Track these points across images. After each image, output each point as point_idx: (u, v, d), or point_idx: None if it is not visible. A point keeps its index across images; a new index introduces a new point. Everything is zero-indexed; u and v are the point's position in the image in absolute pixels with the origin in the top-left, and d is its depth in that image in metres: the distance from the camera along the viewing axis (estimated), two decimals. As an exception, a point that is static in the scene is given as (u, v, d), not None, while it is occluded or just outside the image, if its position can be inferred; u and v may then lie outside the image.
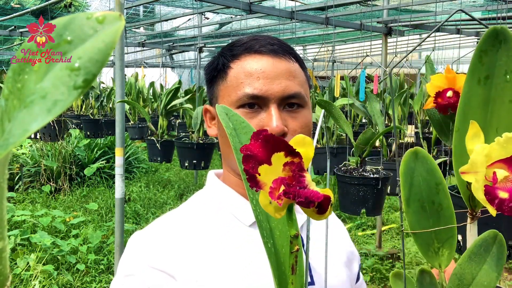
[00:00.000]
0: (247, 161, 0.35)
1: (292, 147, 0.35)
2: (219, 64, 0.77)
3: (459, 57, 2.71)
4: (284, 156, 0.35)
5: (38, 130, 0.27)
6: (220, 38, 6.11)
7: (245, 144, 0.36)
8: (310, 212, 0.36)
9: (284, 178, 0.35)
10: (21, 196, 5.57)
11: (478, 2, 4.07)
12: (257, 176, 0.35)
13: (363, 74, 2.85)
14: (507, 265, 4.03)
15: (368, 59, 3.14)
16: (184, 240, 0.72)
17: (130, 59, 7.66)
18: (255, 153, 0.35)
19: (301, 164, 0.35)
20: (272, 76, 0.73)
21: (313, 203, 0.34)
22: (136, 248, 0.73)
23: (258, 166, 0.35)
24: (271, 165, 0.36)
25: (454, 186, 1.65)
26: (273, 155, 0.35)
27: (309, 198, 0.34)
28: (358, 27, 3.90)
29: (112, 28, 0.23)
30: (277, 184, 0.35)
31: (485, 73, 0.51)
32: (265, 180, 0.36)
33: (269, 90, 0.72)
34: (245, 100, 0.72)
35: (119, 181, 2.36)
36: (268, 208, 0.37)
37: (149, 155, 3.64)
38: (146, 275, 0.69)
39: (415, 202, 0.54)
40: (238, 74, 0.74)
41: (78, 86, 0.22)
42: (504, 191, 0.46)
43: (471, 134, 0.49)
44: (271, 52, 0.75)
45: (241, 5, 3.10)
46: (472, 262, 0.51)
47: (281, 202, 0.34)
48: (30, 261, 3.39)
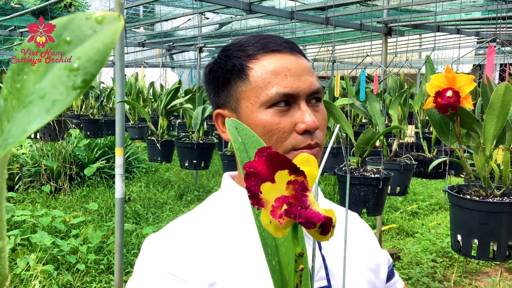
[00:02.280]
0: (249, 178, 0.35)
1: (296, 165, 0.35)
2: (236, 65, 0.75)
3: (459, 57, 2.70)
4: (288, 174, 0.35)
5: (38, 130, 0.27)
6: (220, 38, 6.11)
7: (249, 161, 0.35)
8: (313, 233, 0.35)
9: (286, 197, 0.34)
10: (21, 196, 5.57)
11: (478, 2, 4.07)
12: (259, 194, 0.35)
13: (363, 74, 2.85)
14: (507, 265, 4.03)
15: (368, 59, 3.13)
16: (197, 244, 0.72)
17: (130, 59, 7.66)
18: (259, 170, 0.35)
19: (304, 183, 0.35)
20: (298, 73, 0.73)
21: (314, 224, 0.33)
22: (149, 251, 0.74)
23: (260, 183, 0.35)
24: (275, 182, 0.35)
25: (454, 186, 1.65)
26: (277, 173, 0.35)
27: (309, 219, 0.33)
28: (358, 27, 3.90)
29: (111, 29, 0.23)
30: (279, 203, 0.34)
31: None
32: (268, 198, 0.35)
33: (298, 87, 0.73)
34: (277, 99, 0.72)
35: (119, 181, 2.36)
36: (269, 227, 0.36)
37: (149, 155, 3.64)
38: (157, 279, 0.69)
39: None
40: (263, 74, 0.73)
41: (77, 86, 0.22)
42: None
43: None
44: (289, 49, 0.75)
45: (241, 5, 3.10)
46: None
47: (282, 221, 0.34)
48: (30, 261, 3.39)
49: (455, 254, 3.88)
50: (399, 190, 2.51)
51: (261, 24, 5.30)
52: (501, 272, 3.89)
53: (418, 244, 4.52)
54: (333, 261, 0.76)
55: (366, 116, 2.55)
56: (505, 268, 4.00)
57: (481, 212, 1.48)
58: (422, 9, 4.28)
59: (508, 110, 1.37)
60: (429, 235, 4.81)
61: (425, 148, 2.89)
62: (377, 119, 2.39)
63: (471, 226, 1.51)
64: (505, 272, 3.94)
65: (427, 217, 5.53)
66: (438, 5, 3.63)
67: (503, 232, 1.48)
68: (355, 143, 2.20)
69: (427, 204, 5.90)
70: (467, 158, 1.63)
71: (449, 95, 1.28)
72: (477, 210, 1.48)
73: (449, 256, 4.26)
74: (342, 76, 3.67)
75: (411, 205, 5.84)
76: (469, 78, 1.29)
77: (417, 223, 5.26)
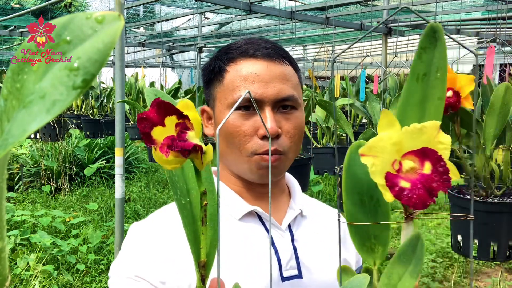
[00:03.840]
0: (140, 122, 0.43)
1: (181, 111, 0.43)
2: (216, 67, 0.80)
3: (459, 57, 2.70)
4: (176, 119, 0.43)
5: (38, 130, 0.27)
6: (220, 38, 6.11)
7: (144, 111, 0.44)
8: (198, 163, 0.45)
9: (172, 135, 0.43)
10: (21, 196, 5.57)
11: (478, 2, 4.07)
12: (151, 135, 0.43)
13: (363, 74, 2.85)
14: (507, 265, 4.03)
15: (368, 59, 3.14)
16: (173, 243, 0.75)
17: (130, 59, 7.66)
18: (150, 117, 0.42)
19: (185, 123, 0.43)
20: (267, 79, 0.76)
21: (188, 151, 0.42)
22: (123, 253, 0.78)
23: (152, 127, 0.43)
24: (165, 126, 0.43)
25: (454, 186, 1.65)
26: (166, 118, 0.43)
27: (183, 147, 0.42)
28: (358, 27, 3.90)
29: (111, 28, 0.23)
30: (166, 140, 0.42)
31: (423, 71, 0.52)
32: (160, 139, 0.43)
33: (264, 93, 0.75)
34: (241, 103, 0.75)
35: (119, 181, 2.36)
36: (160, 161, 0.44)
37: (149, 155, 3.64)
38: (124, 285, 0.73)
39: (355, 195, 0.54)
40: (234, 78, 0.77)
41: (77, 86, 0.22)
42: (407, 181, 0.47)
43: (384, 123, 0.49)
44: (266, 56, 0.78)
45: (241, 5, 3.10)
46: (400, 262, 0.51)
47: (167, 154, 0.42)
48: (30, 261, 3.39)
49: (455, 254, 3.89)
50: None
51: (261, 24, 5.30)
52: (501, 272, 3.89)
53: (418, 244, 4.52)
54: (304, 253, 0.80)
55: (366, 116, 2.55)
56: (505, 268, 4.00)
57: (481, 212, 1.48)
58: (422, 9, 4.28)
59: (508, 110, 1.37)
60: (429, 235, 4.81)
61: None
62: (377, 119, 2.39)
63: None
64: (505, 272, 3.94)
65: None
66: (438, 5, 3.63)
67: (503, 232, 1.48)
68: (355, 143, 2.20)
69: (427, 204, 5.90)
70: (467, 158, 1.63)
71: (449, 95, 1.28)
72: (478, 210, 1.48)
73: (449, 256, 4.26)
74: (342, 76, 3.67)
75: (411, 205, 5.84)
76: (469, 78, 1.29)
77: (417, 223, 5.27)
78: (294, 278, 0.77)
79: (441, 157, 0.47)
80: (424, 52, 0.52)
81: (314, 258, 0.80)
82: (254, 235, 0.79)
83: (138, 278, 0.72)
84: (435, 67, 0.51)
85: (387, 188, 0.47)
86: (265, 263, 0.76)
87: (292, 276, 0.77)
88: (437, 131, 0.48)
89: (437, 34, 0.51)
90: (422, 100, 0.52)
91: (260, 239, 0.79)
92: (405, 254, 0.51)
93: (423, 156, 0.47)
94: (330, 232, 0.87)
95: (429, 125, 0.48)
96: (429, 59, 0.51)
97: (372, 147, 0.48)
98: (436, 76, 0.52)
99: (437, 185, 0.46)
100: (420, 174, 0.47)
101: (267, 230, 0.80)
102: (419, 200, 0.46)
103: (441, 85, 0.52)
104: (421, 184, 0.46)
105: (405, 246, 0.51)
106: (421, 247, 0.51)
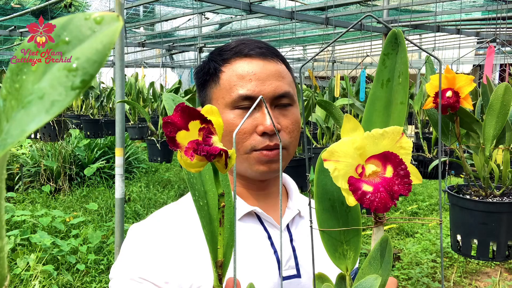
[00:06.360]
0: (166, 126, 0.43)
1: (205, 116, 0.44)
2: (211, 69, 0.81)
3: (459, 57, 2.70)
4: (200, 124, 0.43)
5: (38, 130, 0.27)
6: (220, 38, 6.11)
7: (168, 115, 0.45)
8: (220, 166, 0.45)
9: (197, 139, 0.43)
10: (21, 196, 5.57)
11: (478, 2, 4.07)
12: (176, 139, 0.44)
13: (363, 74, 2.85)
14: (507, 265, 4.03)
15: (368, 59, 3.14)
16: (174, 243, 0.76)
17: (130, 59, 7.66)
18: (175, 121, 0.43)
19: (210, 128, 0.43)
20: (263, 77, 0.78)
21: (214, 156, 0.43)
22: (124, 255, 0.78)
23: (176, 131, 0.44)
24: (189, 131, 0.44)
25: (454, 186, 1.65)
26: (190, 123, 0.43)
27: (209, 151, 0.43)
28: (358, 27, 3.90)
29: (110, 29, 0.23)
30: (192, 144, 0.43)
31: (387, 76, 0.53)
32: (184, 143, 0.44)
33: (261, 91, 0.77)
34: (239, 101, 0.76)
35: (119, 181, 2.36)
36: (185, 164, 0.45)
37: (149, 155, 3.64)
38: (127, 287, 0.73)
39: (326, 201, 0.54)
40: (231, 77, 0.78)
41: (75, 86, 0.22)
42: (369, 185, 0.47)
43: (348, 128, 0.50)
44: (260, 55, 0.80)
45: (241, 5, 3.10)
46: (371, 267, 0.52)
47: (192, 158, 0.43)
48: (30, 261, 3.39)
49: (455, 254, 3.88)
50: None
51: (261, 24, 5.30)
52: (501, 272, 3.89)
53: (418, 244, 4.52)
54: (303, 253, 0.81)
55: (366, 116, 2.55)
56: (505, 268, 4.00)
57: (481, 212, 1.48)
58: (422, 9, 4.28)
59: (508, 110, 1.37)
60: (429, 235, 4.81)
61: (425, 148, 2.89)
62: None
63: (471, 226, 1.51)
64: (505, 272, 3.94)
65: (427, 217, 5.53)
66: (438, 5, 3.63)
67: (503, 232, 1.48)
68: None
69: (427, 204, 5.90)
70: (467, 158, 1.63)
71: (449, 95, 1.28)
72: (477, 210, 1.48)
73: (449, 256, 4.26)
74: (342, 76, 3.67)
75: (411, 205, 5.84)
76: (469, 78, 1.29)
77: (417, 223, 5.27)
78: (293, 277, 0.78)
79: (402, 161, 0.48)
80: (387, 58, 0.52)
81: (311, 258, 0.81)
82: (254, 235, 0.79)
83: (142, 279, 0.72)
84: (398, 72, 0.52)
85: (350, 192, 0.47)
86: (265, 263, 0.76)
87: (291, 275, 0.78)
88: (399, 136, 0.49)
89: (399, 39, 0.51)
90: (386, 105, 0.53)
91: (260, 239, 0.79)
92: (374, 258, 0.52)
93: (384, 160, 0.48)
94: None
95: (390, 130, 0.48)
96: (392, 65, 0.52)
97: (334, 152, 0.49)
98: (398, 82, 0.52)
99: (398, 188, 0.47)
100: (382, 178, 0.48)
101: (266, 230, 0.80)
102: (381, 204, 0.46)
103: (403, 90, 0.53)
104: (383, 188, 0.47)
105: (374, 251, 0.52)
106: (389, 251, 0.51)
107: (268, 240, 0.79)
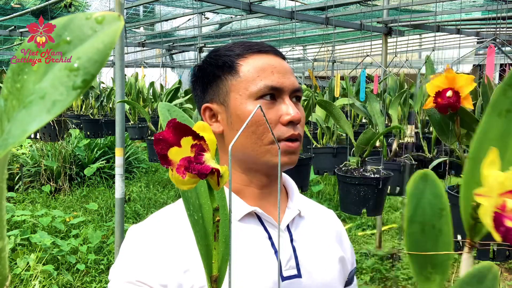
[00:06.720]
0: (157, 143, 0.43)
1: (197, 132, 0.43)
2: (227, 62, 0.81)
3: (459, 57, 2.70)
4: (192, 140, 0.43)
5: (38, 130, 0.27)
6: (220, 38, 6.11)
7: (160, 131, 0.44)
8: (212, 183, 0.45)
9: (189, 157, 0.43)
10: (21, 196, 5.57)
11: (478, 2, 4.07)
12: (168, 156, 0.43)
13: (363, 74, 2.85)
14: (507, 265, 4.03)
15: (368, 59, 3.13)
16: (172, 246, 0.75)
17: (130, 59, 7.66)
18: (166, 138, 0.43)
19: (202, 145, 0.43)
20: (282, 71, 0.80)
21: (205, 175, 0.42)
22: (122, 257, 0.77)
23: (168, 148, 0.43)
24: (181, 147, 0.43)
25: (454, 186, 1.65)
26: (182, 139, 0.43)
27: (200, 170, 0.42)
28: (358, 27, 3.90)
29: (111, 29, 0.23)
30: (183, 162, 0.43)
31: (507, 107, 0.52)
32: (175, 159, 0.43)
33: (284, 83, 0.79)
34: (265, 91, 0.78)
35: (119, 181, 2.36)
36: (176, 181, 0.44)
37: (149, 155, 3.64)
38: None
39: (416, 224, 0.54)
40: (252, 69, 0.79)
41: (77, 86, 0.22)
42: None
43: (489, 160, 0.49)
44: (273, 52, 0.82)
45: (241, 5, 3.10)
46: None
47: (184, 175, 0.42)
48: (30, 261, 3.39)
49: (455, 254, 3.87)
50: (399, 190, 2.51)
51: (261, 24, 5.30)
52: (501, 272, 3.89)
53: (418, 244, 4.52)
54: (304, 253, 0.81)
55: (366, 116, 2.55)
56: (505, 268, 4.00)
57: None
58: (422, 9, 4.28)
59: (508, 110, 1.37)
60: (429, 235, 4.81)
61: (425, 148, 2.89)
62: (377, 119, 2.39)
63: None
64: (505, 272, 3.95)
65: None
66: (438, 5, 3.63)
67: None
68: (355, 143, 2.20)
69: (427, 204, 5.90)
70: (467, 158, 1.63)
71: (449, 95, 1.28)
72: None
73: (449, 256, 4.26)
74: (342, 76, 3.67)
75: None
76: (469, 78, 1.29)
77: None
78: (293, 277, 0.78)
79: None
80: (510, 88, 0.52)
81: (313, 258, 0.81)
82: (254, 235, 0.79)
83: (139, 282, 0.72)
84: None
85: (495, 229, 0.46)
86: (265, 263, 0.76)
87: (291, 276, 0.78)
88: None
89: None
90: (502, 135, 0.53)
91: (260, 239, 0.79)
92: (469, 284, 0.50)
93: None
94: (328, 233, 0.88)
95: None
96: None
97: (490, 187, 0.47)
98: None
99: None
100: None
101: (266, 230, 0.80)
102: None
103: None
104: None
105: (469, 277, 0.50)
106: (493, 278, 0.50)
107: (269, 240, 0.79)
